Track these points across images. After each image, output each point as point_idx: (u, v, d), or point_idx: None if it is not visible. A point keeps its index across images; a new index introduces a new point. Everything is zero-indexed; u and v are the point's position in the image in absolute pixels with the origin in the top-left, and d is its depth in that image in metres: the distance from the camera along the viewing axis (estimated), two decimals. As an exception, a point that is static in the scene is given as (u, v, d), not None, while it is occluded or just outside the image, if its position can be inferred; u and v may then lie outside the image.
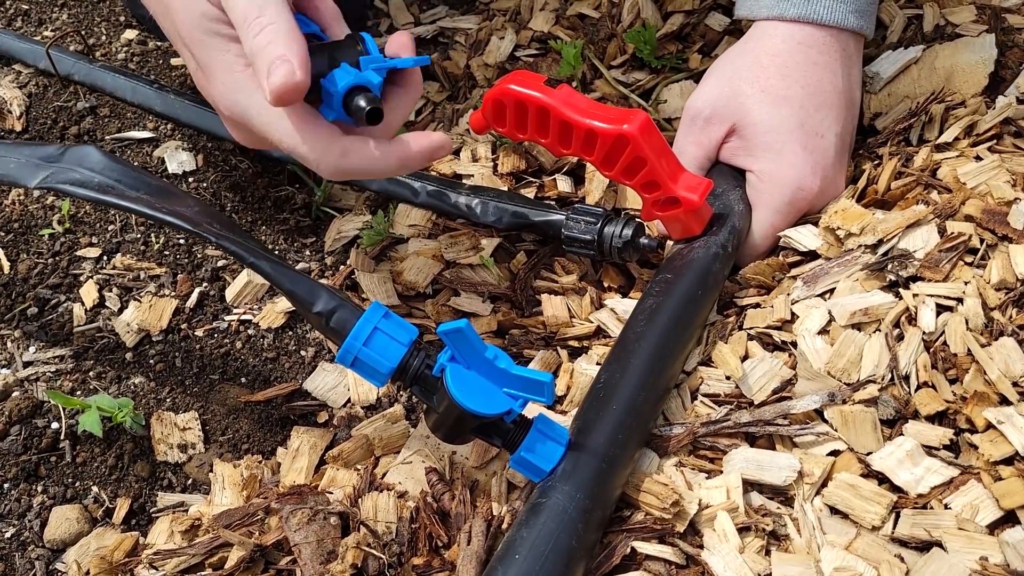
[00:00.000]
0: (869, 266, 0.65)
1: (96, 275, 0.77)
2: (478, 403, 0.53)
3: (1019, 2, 0.81)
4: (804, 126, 0.69)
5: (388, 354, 0.55)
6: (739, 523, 0.54)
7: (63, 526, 0.63)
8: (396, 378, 0.56)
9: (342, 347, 0.55)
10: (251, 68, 0.54)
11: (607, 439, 0.55)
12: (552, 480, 0.54)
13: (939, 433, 0.56)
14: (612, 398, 0.58)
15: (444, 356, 0.54)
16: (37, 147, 0.64)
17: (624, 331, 0.63)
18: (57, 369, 0.72)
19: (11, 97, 0.91)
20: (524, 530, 0.51)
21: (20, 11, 1.05)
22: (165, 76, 0.97)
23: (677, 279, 0.65)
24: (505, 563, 0.50)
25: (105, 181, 0.59)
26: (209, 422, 0.69)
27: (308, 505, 0.58)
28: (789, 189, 0.69)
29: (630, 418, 0.57)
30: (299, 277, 0.59)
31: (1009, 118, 0.71)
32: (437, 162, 0.85)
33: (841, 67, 0.72)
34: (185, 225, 0.58)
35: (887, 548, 0.52)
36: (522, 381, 0.53)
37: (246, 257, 0.58)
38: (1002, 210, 0.65)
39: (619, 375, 0.59)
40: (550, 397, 0.53)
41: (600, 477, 0.54)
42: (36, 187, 0.60)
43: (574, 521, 0.51)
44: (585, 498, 0.52)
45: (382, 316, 0.56)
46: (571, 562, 0.51)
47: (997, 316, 0.60)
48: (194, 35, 0.55)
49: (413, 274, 0.74)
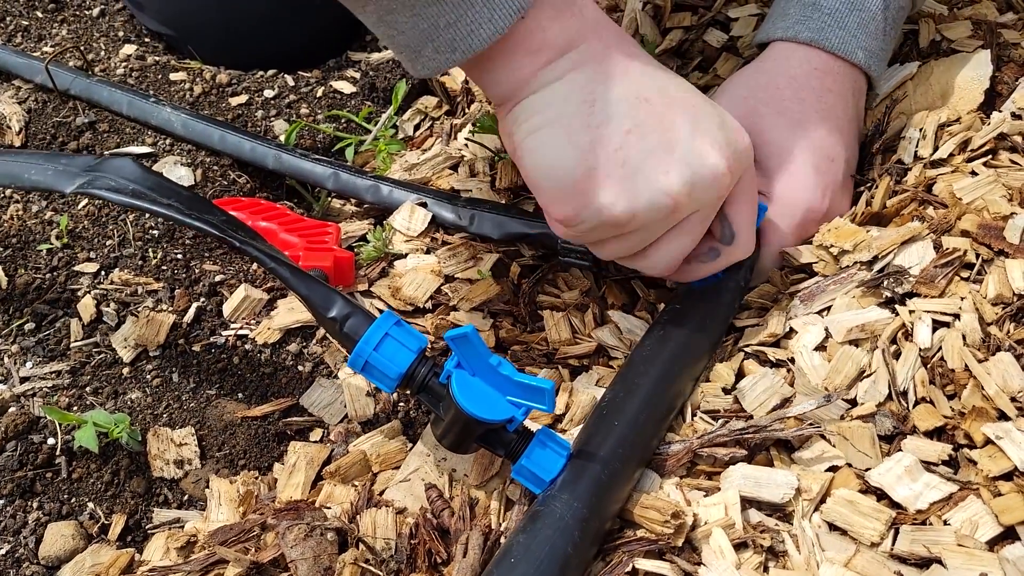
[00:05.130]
0: (865, 283, 0.65)
1: (94, 290, 0.77)
2: (482, 409, 0.54)
3: (1015, 18, 0.82)
4: (817, 150, 0.70)
5: (398, 359, 0.56)
6: (736, 539, 0.54)
7: (58, 543, 0.63)
8: (405, 384, 0.57)
9: (354, 351, 0.57)
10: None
11: (608, 453, 0.56)
12: (552, 490, 0.54)
13: (938, 449, 0.56)
14: (615, 415, 0.58)
15: (450, 363, 0.55)
16: (75, 157, 0.67)
17: (632, 353, 0.64)
18: (54, 384, 0.72)
19: (10, 112, 0.91)
20: (521, 536, 0.52)
21: (20, 27, 1.05)
22: (164, 91, 0.98)
23: (691, 308, 0.66)
24: (501, 567, 0.51)
25: (139, 189, 0.62)
26: (205, 437, 0.69)
27: (305, 521, 0.58)
28: (800, 211, 0.69)
29: (632, 433, 0.57)
30: (315, 283, 0.60)
31: (1004, 133, 0.71)
32: (436, 177, 0.85)
33: (852, 97, 0.73)
34: (212, 231, 0.60)
35: (886, 565, 0.52)
36: (524, 388, 0.54)
37: (267, 262, 0.60)
38: (998, 225, 0.65)
39: (623, 394, 0.60)
40: (551, 405, 0.53)
41: (599, 488, 0.54)
42: (72, 192, 0.63)
43: (571, 529, 0.52)
44: (583, 507, 0.53)
45: (394, 323, 0.57)
46: (566, 569, 0.51)
47: (994, 331, 0.60)
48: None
49: (412, 289, 0.74)
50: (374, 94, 1.00)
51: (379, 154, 0.88)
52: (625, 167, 0.57)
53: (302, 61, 1.03)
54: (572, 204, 0.58)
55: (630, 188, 0.58)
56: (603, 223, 0.59)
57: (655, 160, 0.58)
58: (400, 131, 0.96)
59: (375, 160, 0.89)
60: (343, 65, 1.04)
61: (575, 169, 0.57)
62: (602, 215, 0.58)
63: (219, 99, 0.98)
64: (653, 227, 0.60)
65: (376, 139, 0.90)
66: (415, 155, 0.88)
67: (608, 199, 0.58)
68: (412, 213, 0.79)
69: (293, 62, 1.03)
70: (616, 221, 0.58)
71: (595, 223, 0.59)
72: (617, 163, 0.57)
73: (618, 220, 0.58)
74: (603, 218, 0.58)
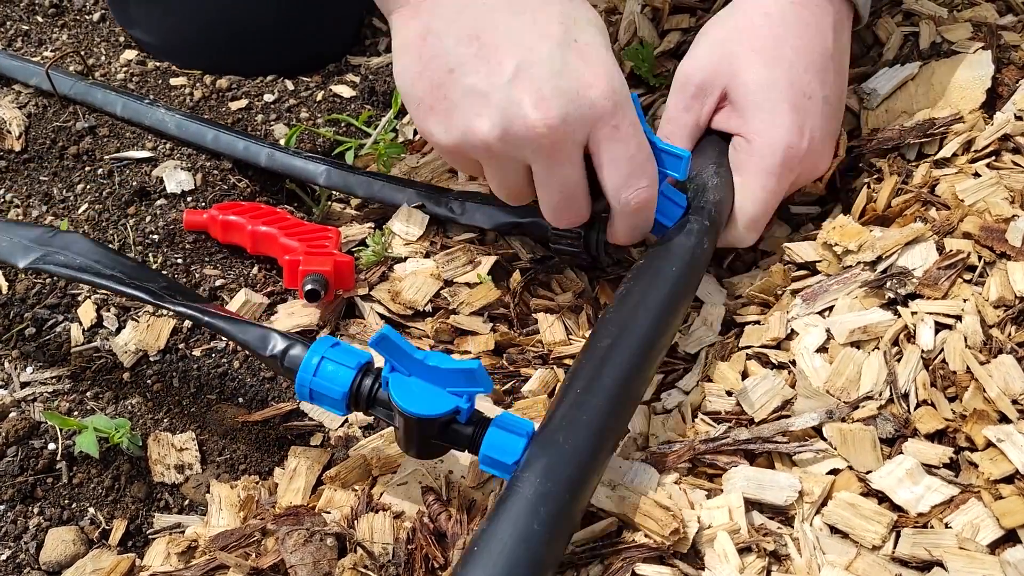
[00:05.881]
0: (868, 283, 0.65)
1: (94, 295, 0.77)
2: (423, 406, 0.53)
3: (1015, 20, 0.82)
4: (793, 86, 0.68)
5: (338, 379, 0.56)
6: (740, 543, 0.54)
7: (59, 548, 0.63)
8: (355, 404, 0.57)
9: (296, 382, 0.57)
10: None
11: (571, 422, 0.53)
12: (515, 472, 0.52)
13: (939, 451, 0.56)
14: (577, 382, 0.56)
15: (386, 370, 0.55)
16: (30, 228, 0.71)
17: (599, 319, 0.62)
18: (54, 390, 0.72)
19: (11, 117, 0.91)
20: (485, 523, 0.50)
21: (20, 32, 1.05)
22: (164, 96, 0.98)
23: (650, 262, 0.64)
24: (466, 557, 0.49)
25: (86, 262, 0.67)
26: (206, 442, 0.69)
27: (304, 526, 0.58)
28: (780, 148, 0.67)
29: (595, 399, 0.55)
30: (250, 327, 0.62)
31: (1007, 134, 0.71)
32: (435, 180, 0.85)
33: (832, 31, 0.70)
34: (146, 297, 0.64)
35: (888, 568, 0.52)
36: (456, 374, 0.53)
37: (201, 319, 0.63)
38: (1000, 227, 0.65)
39: (584, 361, 0.58)
40: (487, 384, 0.53)
41: (562, 460, 0.52)
42: (25, 267, 0.68)
43: (535, 506, 0.49)
44: (546, 482, 0.50)
45: (330, 346, 0.57)
46: (533, 546, 0.48)
47: (996, 333, 0.60)
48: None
49: (412, 293, 0.74)
50: (374, 98, 1.00)
51: (379, 157, 0.88)
52: (446, 103, 0.60)
53: (299, 72, 1.03)
54: (418, 125, 0.64)
55: (449, 125, 0.61)
56: (439, 150, 0.64)
57: (471, 101, 0.59)
58: (400, 134, 0.96)
59: (375, 164, 0.89)
60: (343, 69, 1.04)
61: (413, 94, 0.63)
62: (435, 143, 0.63)
63: (219, 104, 0.98)
64: (494, 166, 0.62)
65: (376, 142, 0.90)
66: (415, 158, 0.89)
67: (437, 130, 0.62)
68: (410, 216, 0.79)
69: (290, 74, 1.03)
70: (444, 151, 0.63)
71: (435, 148, 0.63)
72: (440, 98, 0.61)
73: (445, 151, 0.63)
74: (436, 146, 0.63)
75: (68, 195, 0.86)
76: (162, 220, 0.84)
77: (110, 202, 0.85)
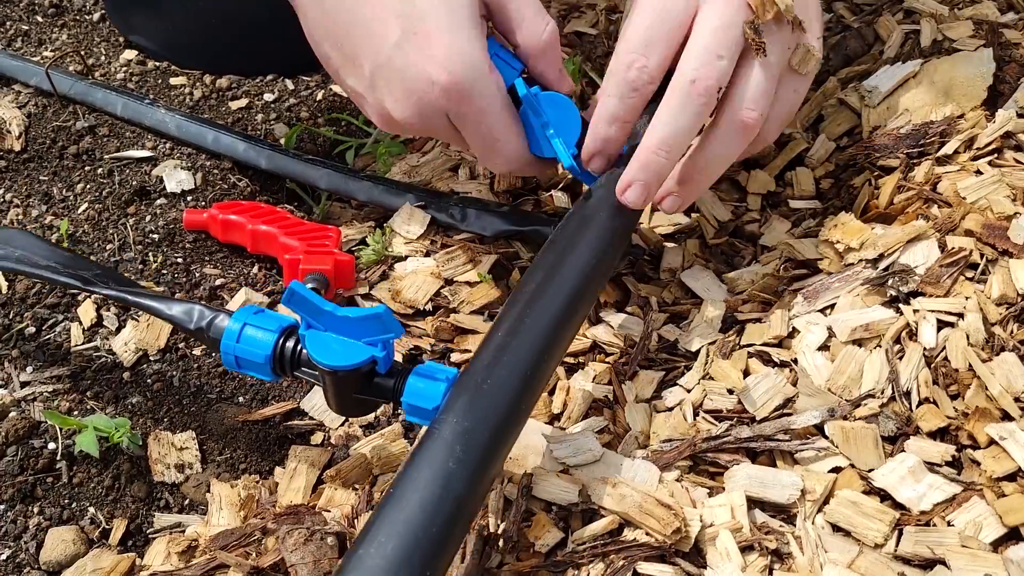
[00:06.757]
0: (870, 281, 0.65)
1: (94, 294, 0.77)
2: (338, 358, 0.53)
3: (1016, 17, 0.82)
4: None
5: (260, 344, 0.57)
6: (742, 542, 0.54)
7: (59, 548, 0.63)
8: (280, 367, 0.58)
9: (221, 350, 0.58)
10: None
11: (489, 361, 0.52)
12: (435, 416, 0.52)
13: (941, 449, 0.56)
14: (497, 327, 0.55)
15: (302, 327, 0.55)
16: None
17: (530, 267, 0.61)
18: (54, 389, 0.71)
19: (10, 117, 0.91)
20: (403, 466, 0.49)
21: (20, 31, 1.05)
22: (164, 96, 0.98)
23: (587, 210, 0.64)
24: (382, 500, 0.47)
25: (24, 255, 0.69)
26: (206, 442, 0.69)
27: (305, 525, 0.58)
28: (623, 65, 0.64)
29: (514, 338, 0.53)
30: (175, 303, 0.63)
31: (1009, 132, 0.71)
32: (435, 179, 0.85)
33: None
34: (78, 284, 0.67)
35: (890, 566, 0.52)
36: (364, 322, 0.53)
37: (128, 299, 0.65)
38: (1002, 225, 0.64)
39: (509, 304, 0.57)
40: (397, 327, 0.53)
41: (480, 398, 0.50)
42: None
43: (451, 444, 0.48)
44: (462, 420, 0.49)
45: (253, 313, 0.58)
46: (449, 484, 0.47)
47: (998, 331, 0.60)
48: None
49: (412, 291, 0.74)
50: (375, 97, 1.00)
51: (379, 157, 0.87)
52: (342, 50, 0.64)
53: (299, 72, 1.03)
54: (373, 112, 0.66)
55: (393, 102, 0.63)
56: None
57: (358, 99, 0.65)
58: (400, 134, 0.96)
59: (375, 163, 0.89)
60: (343, 68, 1.03)
61: (313, 38, 0.65)
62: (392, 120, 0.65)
63: (219, 103, 0.98)
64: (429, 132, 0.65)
65: (376, 142, 0.90)
66: (415, 157, 0.88)
67: (343, 74, 0.65)
68: (411, 215, 0.79)
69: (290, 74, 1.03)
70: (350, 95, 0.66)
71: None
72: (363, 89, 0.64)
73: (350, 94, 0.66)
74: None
75: (68, 195, 0.86)
76: (162, 219, 0.84)
77: (110, 202, 0.85)
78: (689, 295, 0.73)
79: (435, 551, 0.45)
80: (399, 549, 0.44)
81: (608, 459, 0.59)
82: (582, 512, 0.56)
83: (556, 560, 0.54)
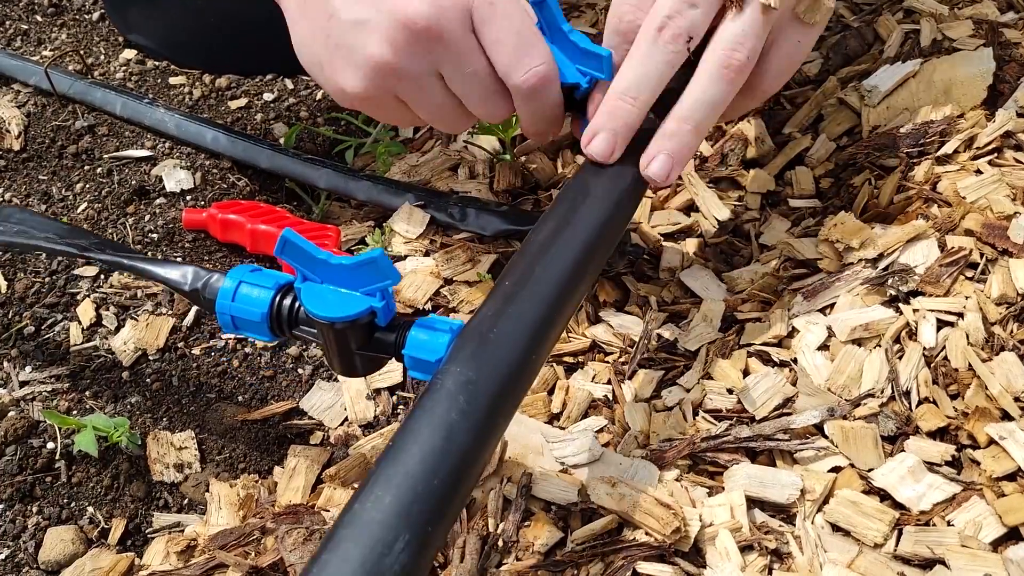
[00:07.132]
0: (869, 281, 0.65)
1: (93, 294, 0.77)
2: (334, 309, 0.51)
3: (1016, 17, 0.81)
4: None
5: (256, 302, 0.55)
6: (741, 541, 0.54)
7: (58, 547, 0.62)
8: (278, 326, 0.55)
9: (217, 310, 0.56)
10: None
11: (494, 312, 0.51)
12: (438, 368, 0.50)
13: (941, 449, 0.56)
14: (504, 278, 0.53)
15: (298, 280, 0.53)
16: None
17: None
18: (53, 389, 0.71)
19: (10, 116, 0.91)
20: (406, 419, 0.47)
21: (19, 31, 1.05)
22: (163, 95, 0.98)
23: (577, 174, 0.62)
24: (383, 453, 0.45)
25: (23, 228, 0.70)
26: (205, 441, 0.69)
27: (304, 525, 0.58)
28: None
29: (521, 289, 0.52)
30: (172, 266, 0.62)
31: (1009, 131, 0.71)
32: (435, 179, 0.85)
33: None
34: (74, 251, 0.67)
35: (890, 566, 0.52)
36: (360, 269, 0.51)
37: (124, 264, 0.65)
38: (1002, 224, 0.64)
39: (516, 258, 0.55)
40: (393, 275, 0.51)
41: (484, 348, 0.48)
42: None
43: (454, 395, 0.46)
44: (466, 370, 0.47)
45: (249, 271, 0.57)
46: (452, 435, 0.45)
47: (998, 331, 0.60)
48: None
49: (412, 291, 0.74)
50: (374, 96, 0.99)
51: (378, 156, 0.87)
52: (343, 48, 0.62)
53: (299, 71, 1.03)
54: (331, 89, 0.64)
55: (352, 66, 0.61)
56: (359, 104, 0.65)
57: (358, 34, 0.61)
58: (399, 133, 0.96)
59: (375, 163, 0.89)
60: (343, 67, 1.03)
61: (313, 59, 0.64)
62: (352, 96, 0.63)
63: (218, 103, 0.98)
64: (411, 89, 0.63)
65: (376, 141, 0.90)
66: (414, 157, 0.88)
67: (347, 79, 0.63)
68: (411, 215, 0.79)
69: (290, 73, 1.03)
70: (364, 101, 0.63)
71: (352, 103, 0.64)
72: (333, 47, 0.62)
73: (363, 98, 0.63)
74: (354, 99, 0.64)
75: (67, 194, 0.86)
76: (161, 219, 0.84)
77: (109, 201, 0.85)
78: (688, 294, 0.73)
79: (437, 505, 0.42)
80: (397, 502, 0.42)
81: (607, 458, 0.59)
82: (581, 512, 0.56)
83: (555, 560, 0.54)
